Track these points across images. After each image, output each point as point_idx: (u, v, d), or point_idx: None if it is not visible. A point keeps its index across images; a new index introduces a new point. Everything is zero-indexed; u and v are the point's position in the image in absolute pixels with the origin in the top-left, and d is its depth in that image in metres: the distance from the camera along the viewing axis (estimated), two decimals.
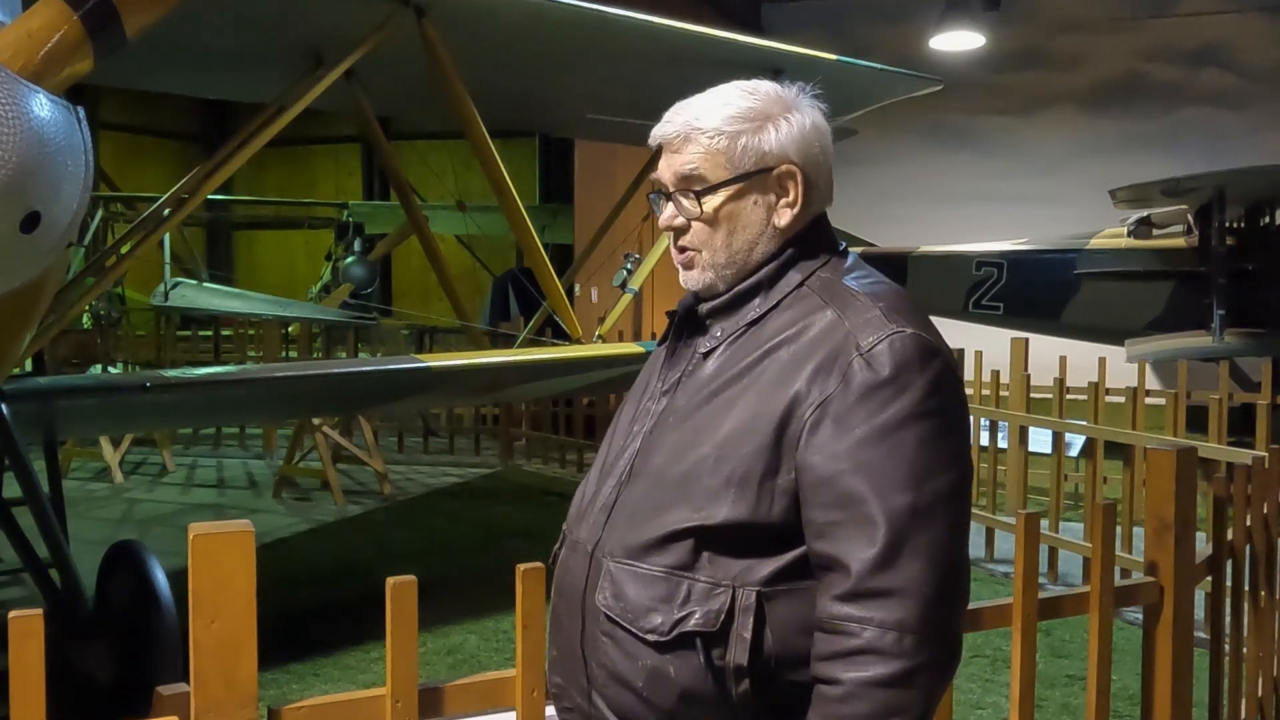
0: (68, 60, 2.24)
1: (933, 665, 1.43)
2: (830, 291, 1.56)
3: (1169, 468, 2.61)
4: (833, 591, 1.43)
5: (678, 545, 1.50)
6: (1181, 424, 6.65)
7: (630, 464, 1.61)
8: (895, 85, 6.93)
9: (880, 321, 1.49)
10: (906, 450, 1.43)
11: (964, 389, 1.57)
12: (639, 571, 1.52)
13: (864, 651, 1.40)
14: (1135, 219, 10.12)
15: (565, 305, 5.85)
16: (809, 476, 1.46)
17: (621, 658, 1.52)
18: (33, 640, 1.48)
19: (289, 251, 19.60)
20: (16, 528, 4.44)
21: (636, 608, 1.51)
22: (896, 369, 1.45)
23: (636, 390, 1.74)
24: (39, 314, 2.98)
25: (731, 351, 1.58)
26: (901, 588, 1.41)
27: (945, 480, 1.46)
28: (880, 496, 1.42)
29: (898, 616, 1.40)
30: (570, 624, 1.61)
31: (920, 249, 10.81)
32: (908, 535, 1.42)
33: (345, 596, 6.09)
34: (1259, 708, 3.63)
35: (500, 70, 5.87)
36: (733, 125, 1.57)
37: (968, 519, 1.52)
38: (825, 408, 1.46)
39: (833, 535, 1.44)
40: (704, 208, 1.59)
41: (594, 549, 1.59)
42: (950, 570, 1.45)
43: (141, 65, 5.41)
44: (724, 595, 1.47)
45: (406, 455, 10.81)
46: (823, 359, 1.48)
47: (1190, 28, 11.91)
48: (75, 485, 8.92)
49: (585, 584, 1.58)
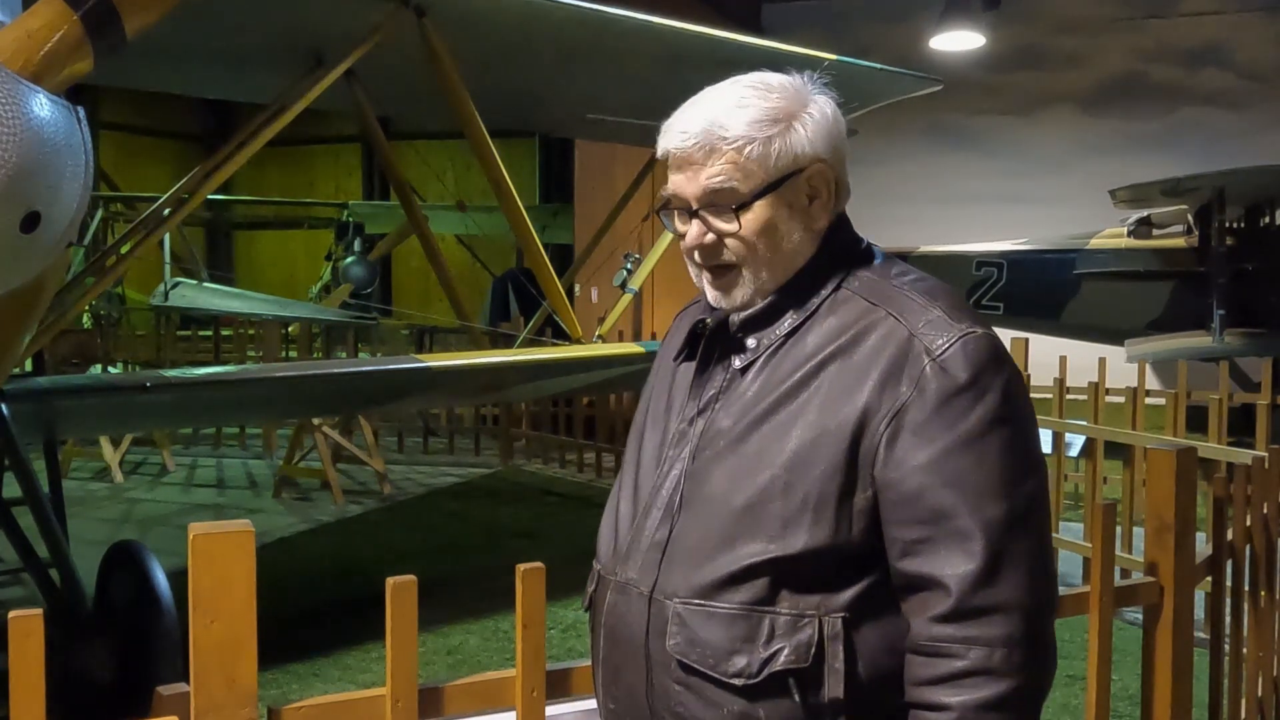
0: (68, 60, 2.25)
1: (1043, 680, 1.39)
2: (879, 293, 1.47)
3: (1169, 468, 2.60)
4: (930, 612, 1.36)
5: (754, 580, 1.39)
6: (1181, 424, 6.65)
7: (679, 494, 1.48)
8: (895, 85, 6.92)
9: (945, 323, 1.41)
10: (993, 458, 1.36)
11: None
12: (713, 611, 1.41)
13: (972, 673, 1.34)
14: (1135, 219, 10.13)
15: (565, 305, 5.84)
16: (892, 494, 1.38)
17: (702, 707, 1.41)
18: (33, 640, 1.48)
19: (289, 251, 19.59)
20: (16, 528, 4.43)
21: (716, 651, 1.40)
22: (974, 373, 1.37)
23: (656, 410, 1.61)
24: (39, 314, 2.98)
25: (774, 365, 1.47)
26: (1004, 603, 1.34)
27: (1032, 485, 1.40)
28: (973, 509, 1.35)
29: (1005, 633, 1.34)
30: (632, 675, 1.48)
31: (920, 249, 10.82)
32: (1005, 547, 1.35)
33: (345, 596, 6.09)
34: (1259, 708, 3.63)
35: (500, 70, 5.86)
36: (762, 130, 1.45)
37: (1050, 521, 1.46)
38: (900, 419, 1.37)
39: (924, 553, 1.36)
40: (740, 222, 1.46)
41: (652, 591, 1.46)
42: (1045, 578, 1.40)
43: (141, 65, 5.40)
44: (810, 626, 1.38)
45: (406, 455, 10.80)
46: (888, 366, 1.39)
47: (1190, 28, 11.92)
48: (75, 485, 8.91)
49: (646, 630, 1.46)
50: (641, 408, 1.67)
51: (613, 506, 1.61)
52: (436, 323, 11.54)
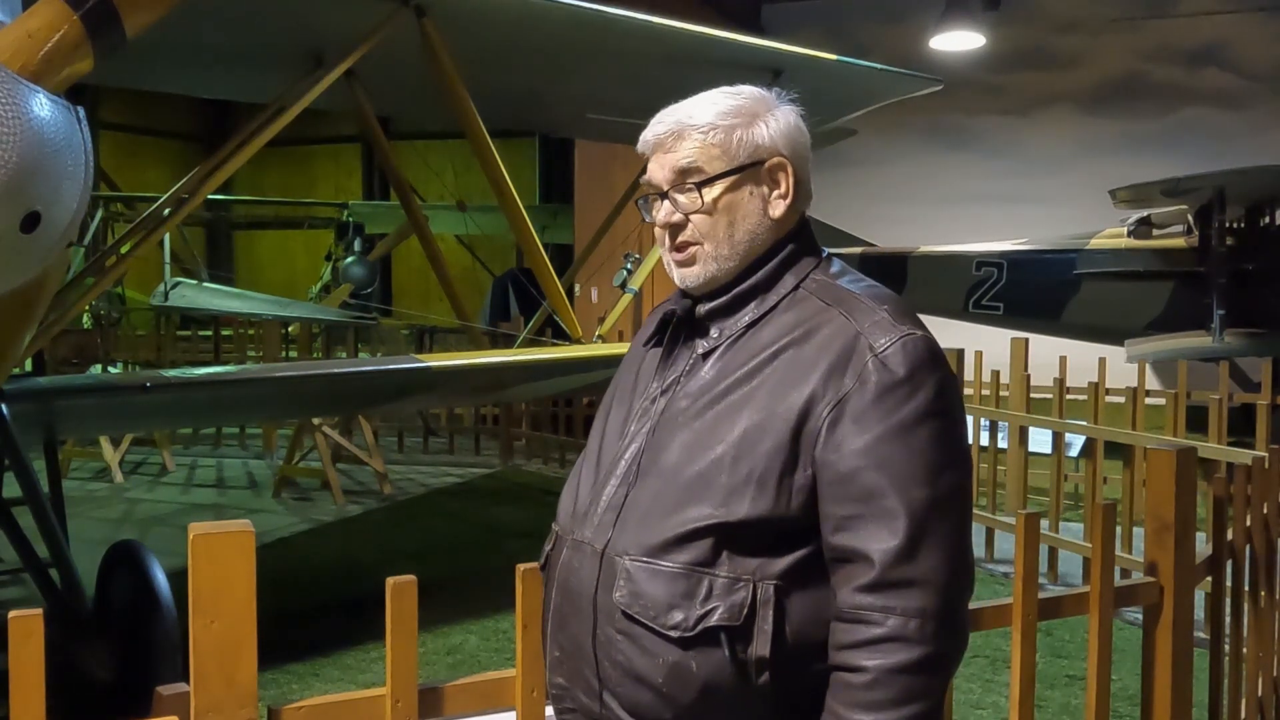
0: (68, 60, 2.25)
1: (951, 651, 1.50)
2: (831, 294, 1.61)
3: (1169, 468, 2.60)
4: (854, 582, 1.48)
5: (698, 542, 1.52)
6: (1181, 424, 6.65)
7: (636, 464, 1.61)
8: (895, 85, 6.93)
9: (889, 324, 1.54)
10: (922, 446, 1.49)
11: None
12: (658, 569, 1.53)
13: (888, 639, 1.45)
14: (1135, 219, 10.12)
15: (565, 305, 5.85)
16: (828, 473, 1.50)
17: (639, 655, 1.53)
18: (33, 640, 1.48)
19: (289, 251, 19.61)
20: (16, 528, 4.43)
21: (657, 604, 1.52)
22: (911, 370, 1.50)
23: (623, 388, 1.75)
24: (39, 314, 2.99)
25: (733, 353, 1.61)
26: (923, 577, 1.46)
27: (957, 474, 1.52)
28: (900, 491, 1.47)
29: (920, 605, 1.45)
30: (577, 624, 1.60)
31: (920, 249, 10.82)
32: (927, 527, 1.47)
33: (345, 596, 6.09)
34: (1259, 708, 3.63)
35: (500, 70, 5.87)
36: (726, 120, 1.61)
37: (971, 511, 1.59)
38: (842, 406, 1.50)
39: (853, 528, 1.48)
40: (704, 199, 1.61)
41: (605, 548, 1.58)
42: (963, 560, 1.52)
43: (141, 65, 5.40)
44: (745, 590, 1.49)
45: (406, 455, 10.81)
46: (835, 359, 1.52)
47: (1190, 28, 11.92)
48: (75, 485, 8.92)
49: (596, 583, 1.58)
50: (611, 387, 1.80)
51: (575, 474, 1.73)
52: (436, 323, 11.55)
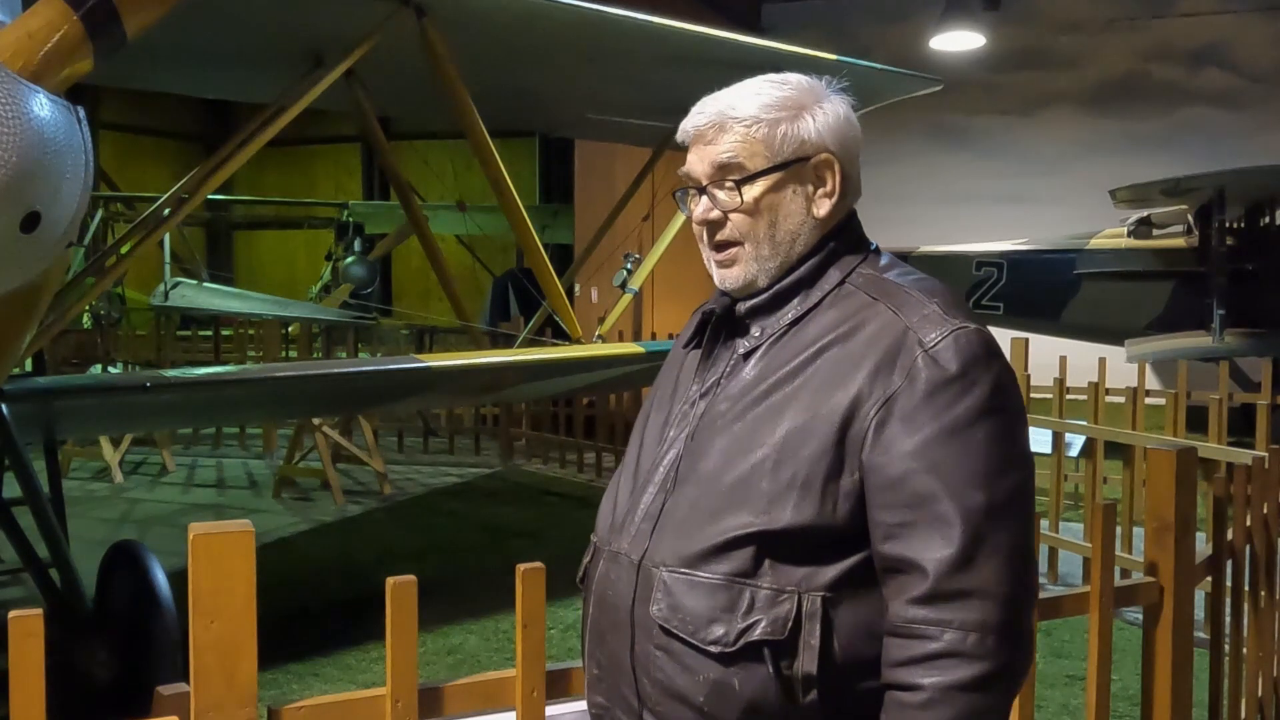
0: (68, 60, 2.24)
1: (1015, 666, 1.40)
2: (879, 288, 1.51)
3: (1169, 468, 2.60)
4: (907, 594, 1.38)
5: (738, 552, 1.43)
6: (1181, 424, 6.65)
7: (674, 470, 1.53)
8: (895, 85, 6.92)
9: (940, 318, 1.44)
10: (978, 448, 1.39)
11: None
12: (696, 580, 1.44)
13: (945, 655, 1.36)
14: (1135, 219, 10.14)
15: (565, 305, 5.84)
16: (877, 477, 1.41)
17: (679, 672, 1.45)
18: (33, 640, 1.48)
19: (289, 251, 19.62)
20: (16, 528, 4.43)
21: (696, 618, 1.43)
22: (964, 366, 1.41)
23: (662, 393, 1.66)
24: (39, 314, 2.98)
25: (775, 352, 1.52)
26: (980, 588, 1.37)
27: (1016, 477, 1.42)
28: (954, 495, 1.38)
29: (978, 618, 1.36)
30: (616, 640, 1.52)
31: (920, 249, 10.82)
32: (984, 534, 1.37)
33: (345, 596, 6.09)
34: (1259, 708, 3.63)
35: (500, 70, 5.86)
36: (770, 113, 1.51)
37: (1034, 516, 1.49)
38: (890, 406, 1.41)
39: (905, 536, 1.39)
40: (744, 197, 1.52)
41: (641, 559, 1.50)
42: (1024, 568, 1.42)
43: (141, 65, 5.40)
44: (789, 602, 1.41)
45: (406, 455, 10.80)
46: (882, 356, 1.43)
47: (1190, 28, 11.93)
48: (75, 485, 8.91)
49: (634, 597, 1.50)
50: (650, 392, 1.72)
51: (615, 484, 1.65)
52: (436, 323, 11.54)
